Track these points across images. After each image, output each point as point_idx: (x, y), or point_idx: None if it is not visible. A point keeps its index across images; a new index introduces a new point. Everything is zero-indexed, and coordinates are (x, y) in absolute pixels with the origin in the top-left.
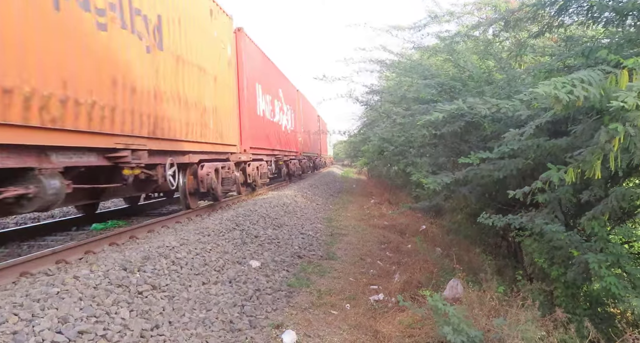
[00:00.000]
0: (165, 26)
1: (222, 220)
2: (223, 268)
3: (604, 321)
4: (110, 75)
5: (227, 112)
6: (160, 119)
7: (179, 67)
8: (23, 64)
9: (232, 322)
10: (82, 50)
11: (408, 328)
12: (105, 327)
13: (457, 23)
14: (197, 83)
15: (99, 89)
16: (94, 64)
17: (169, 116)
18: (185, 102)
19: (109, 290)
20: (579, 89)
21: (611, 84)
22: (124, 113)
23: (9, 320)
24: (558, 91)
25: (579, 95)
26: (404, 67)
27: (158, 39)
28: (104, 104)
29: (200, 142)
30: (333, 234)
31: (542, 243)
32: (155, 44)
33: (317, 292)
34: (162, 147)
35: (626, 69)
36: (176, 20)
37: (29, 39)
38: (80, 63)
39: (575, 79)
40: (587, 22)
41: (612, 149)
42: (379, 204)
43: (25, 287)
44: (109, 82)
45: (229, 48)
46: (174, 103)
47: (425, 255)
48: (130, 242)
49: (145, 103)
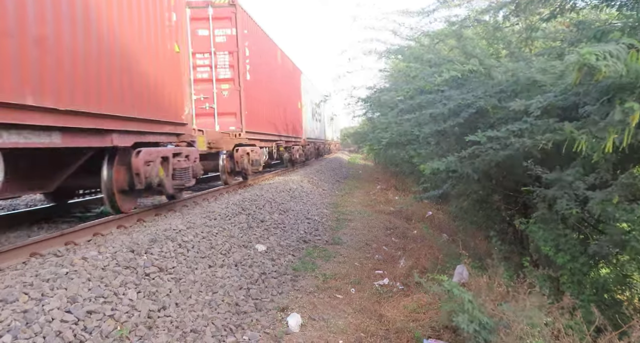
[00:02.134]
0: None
1: (229, 204)
2: (229, 252)
3: (611, 307)
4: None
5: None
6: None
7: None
8: None
9: (238, 304)
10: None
11: (413, 312)
12: (113, 308)
13: (467, 7)
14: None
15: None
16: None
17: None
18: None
19: (116, 271)
20: (610, 62)
21: (632, 59)
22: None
23: (19, 299)
24: (591, 60)
25: (612, 65)
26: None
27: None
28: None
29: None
30: (339, 219)
31: (548, 230)
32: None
33: (322, 276)
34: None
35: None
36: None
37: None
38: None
39: (605, 52)
40: (601, 5)
41: (629, 124)
42: (385, 190)
43: (35, 267)
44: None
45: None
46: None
47: (431, 241)
48: (138, 224)
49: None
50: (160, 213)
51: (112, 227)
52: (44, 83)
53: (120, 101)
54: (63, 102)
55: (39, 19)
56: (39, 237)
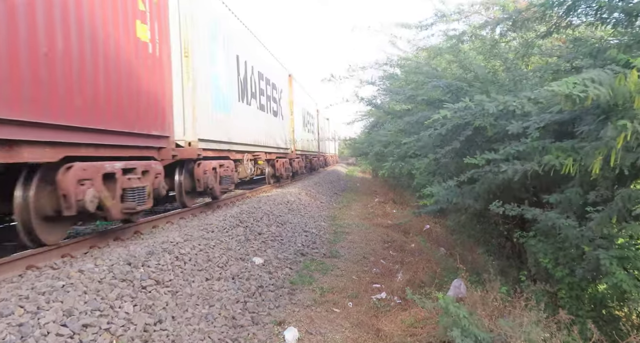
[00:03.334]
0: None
1: (226, 216)
2: (226, 265)
3: (608, 323)
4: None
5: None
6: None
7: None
8: None
9: (235, 318)
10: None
11: (410, 327)
12: (109, 321)
13: (465, 22)
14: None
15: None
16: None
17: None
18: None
19: (113, 284)
20: (591, 88)
21: (620, 83)
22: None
23: (15, 312)
24: (571, 90)
25: (590, 94)
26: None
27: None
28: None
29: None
30: (336, 232)
31: (547, 243)
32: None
33: (319, 290)
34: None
35: (635, 69)
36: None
37: None
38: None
39: (587, 79)
40: (596, 22)
41: (615, 145)
42: (383, 203)
43: (31, 280)
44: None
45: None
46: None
47: (429, 255)
48: (135, 237)
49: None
50: (157, 226)
51: (109, 239)
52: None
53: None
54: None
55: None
56: (36, 249)
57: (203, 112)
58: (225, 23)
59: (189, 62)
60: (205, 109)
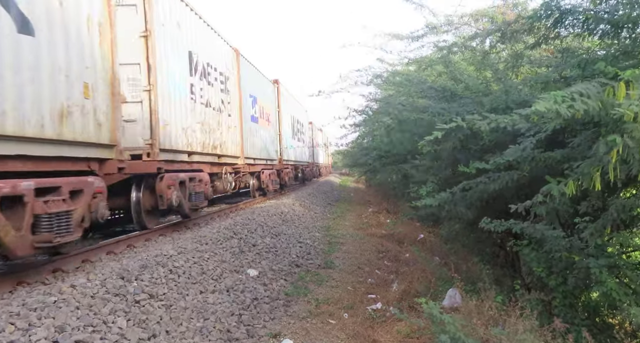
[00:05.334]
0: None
1: (220, 228)
2: (221, 277)
3: (602, 331)
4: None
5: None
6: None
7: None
8: None
9: (230, 331)
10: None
11: (406, 337)
12: (102, 337)
13: (455, 34)
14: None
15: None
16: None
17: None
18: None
19: (106, 299)
20: (578, 102)
21: (609, 96)
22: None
23: (5, 329)
24: (559, 106)
25: (578, 108)
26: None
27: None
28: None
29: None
30: (331, 243)
31: (541, 252)
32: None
33: (315, 301)
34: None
35: (623, 81)
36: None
37: None
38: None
39: (575, 93)
40: (583, 34)
41: (610, 160)
42: (377, 213)
43: (22, 296)
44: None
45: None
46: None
47: (423, 264)
48: (128, 250)
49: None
50: (150, 238)
51: (102, 253)
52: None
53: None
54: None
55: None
56: (27, 264)
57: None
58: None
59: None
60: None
